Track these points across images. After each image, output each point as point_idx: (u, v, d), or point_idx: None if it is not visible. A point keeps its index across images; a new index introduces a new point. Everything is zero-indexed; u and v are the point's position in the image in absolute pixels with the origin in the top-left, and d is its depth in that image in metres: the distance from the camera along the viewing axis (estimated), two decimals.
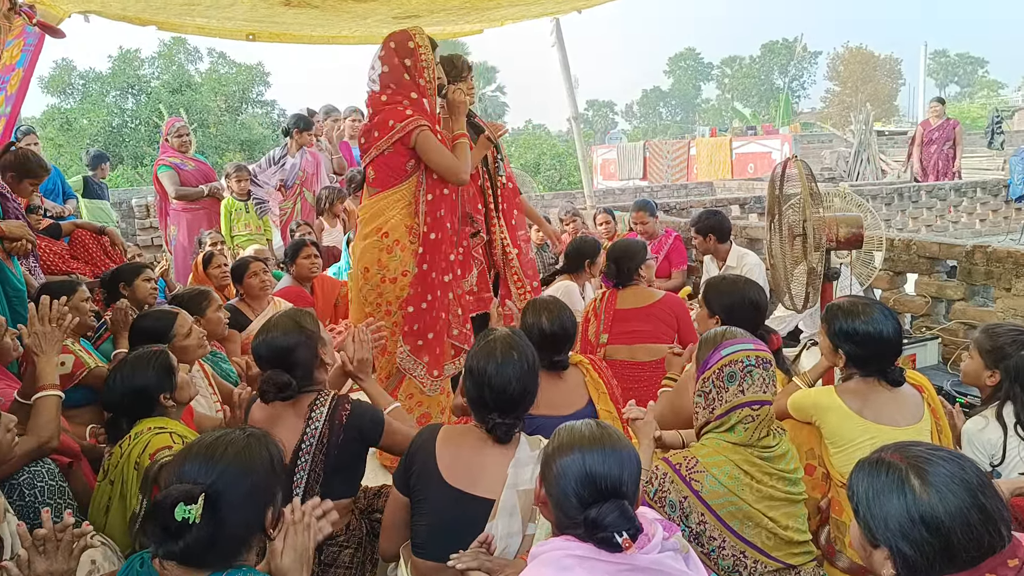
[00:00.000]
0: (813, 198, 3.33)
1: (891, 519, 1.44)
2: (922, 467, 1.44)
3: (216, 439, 1.77)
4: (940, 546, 1.39)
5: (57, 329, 2.65)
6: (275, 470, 1.79)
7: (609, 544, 1.59)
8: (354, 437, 2.46)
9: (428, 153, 3.49)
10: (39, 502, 2.36)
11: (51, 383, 2.55)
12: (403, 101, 3.50)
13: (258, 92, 30.05)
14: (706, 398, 2.24)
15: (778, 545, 2.14)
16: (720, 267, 5.53)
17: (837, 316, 2.61)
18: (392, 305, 3.60)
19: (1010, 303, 4.65)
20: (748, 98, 58.34)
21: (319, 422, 2.41)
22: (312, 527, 1.89)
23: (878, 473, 1.49)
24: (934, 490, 1.41)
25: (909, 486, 1.43)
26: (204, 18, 4.97)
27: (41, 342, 2.61)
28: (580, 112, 8.63)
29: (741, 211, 9.51)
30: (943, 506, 1.40)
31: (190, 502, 1.60)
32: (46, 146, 20.59)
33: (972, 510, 1.39)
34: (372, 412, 2.56)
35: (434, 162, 3.51)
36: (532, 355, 2.25)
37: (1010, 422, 2.63)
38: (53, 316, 2.65)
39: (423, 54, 3.52)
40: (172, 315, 3.26)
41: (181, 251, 6.75)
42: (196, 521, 1.59)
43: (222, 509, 1.63)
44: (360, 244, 3.63)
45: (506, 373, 2.15)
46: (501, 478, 2.11)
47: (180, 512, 1.59)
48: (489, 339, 2.26)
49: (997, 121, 19.11)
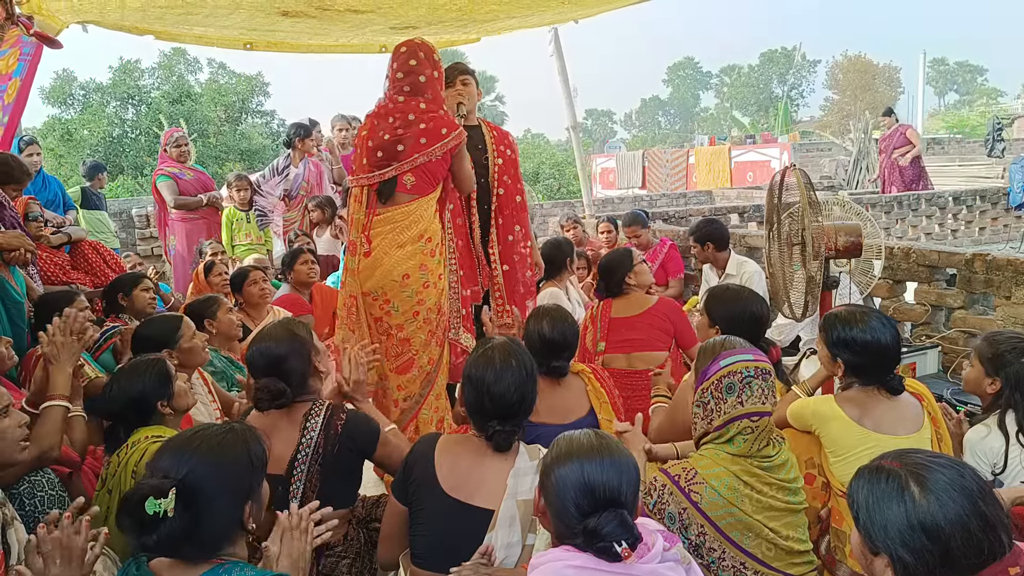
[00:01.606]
0: (812, 207, 3.33)
1: (891, 526, 1.43)
2: (922, 474, 1.44)
3: (194, 433, 1.79)
4: (940, 553, 1.39)
5: (76, 342, 2.65)
6: (253, 464, 1.79)
7: (608, 554, 1.59)
8: (350, 447, 2.45)
9: (463, 162, 3.66)
10: (39, 511, 2.36)
11: (61, 394, 2.55)
12: (439, 111, 3.59)
13: (258, 102, 30.13)
14: (704, 409, 2.23)
15: (779, 555, 2.13)
16: (720, 275, 5.53)
17: (835, 325, 2.60)
18: (432, 312, 3.58)
19: (1010, 311, 4.64)
20: (747, 107, 58.50)
21: (314, 431, 2.41)
22: (309, 532, 1.89)
23: (878, 480, 1.49)
24: (934, 497, 1.41)
25: (909, 493, 1.43)
26: (202, 27, 4.99)
27: (59, 352, 2.61)
28: (579, 121, 8.64)
29: (740, 219, 9.51)
30: (943, 513, 1.39)
31: (160, 496, 1.61)
32: (46, 156, 20.62)
33: (972, 517, 1.39)
34: (368, 422, 2.56)
35: (464, 170, 3.68)
36: (531, 362, 2.25)
37: (1012, 430, 2.62)
38: (76, 328, 2.65)
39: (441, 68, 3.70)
40: (177, 320, 3.25)
41: (180, 261, 6.75)
42: (168, 515, 1.60)
43: (197, 502, 1.64)
44: (397, 252, 3.51)
45: (505, 380, 2.15)
46: (501, 488, 2.11)
47: (151, 506, 1.60)
48: (488, 347, 2.26)
49: (997, 129, 19.14)
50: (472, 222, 4.09)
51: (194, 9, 4.31)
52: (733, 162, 22.33)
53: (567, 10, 5.30)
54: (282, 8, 4.28)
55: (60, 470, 2.60)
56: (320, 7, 4.27)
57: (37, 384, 2.73)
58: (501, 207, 4.12)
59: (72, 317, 2.66)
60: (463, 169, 3.65)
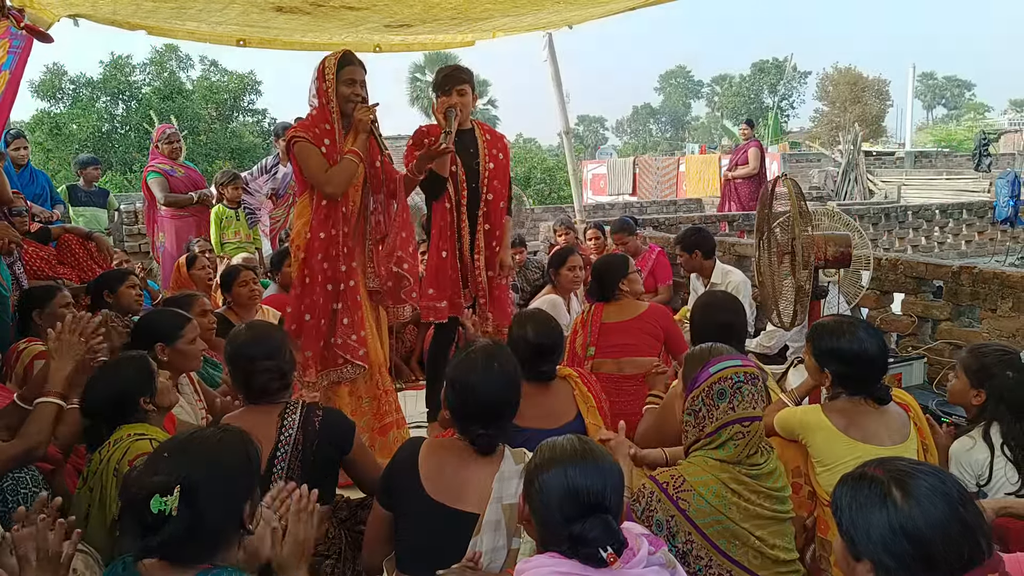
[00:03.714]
0: (802, 216, 3.34)
1: (873, 531, 1.44)
2: (904, 480, 1.45)
3: (190, 435, 1.78)
4: (921, 557, 1.40)
5: (83, 344, 2.59)
6: (251, 465, 1.79)
7: (594, 559, 1.58)
8: (328, 443, 2.47)
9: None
10: None
11: (57, 391, 2.51)
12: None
13: (249, 100, 30.03)
14: (696, 416, 2.23)
15: (765, 564, 2.13)
16: (705, 284, 5.54)
17: (822, 336, 2.61)
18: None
19: (996, 324, 4.67)
20: (738, 116, 58.67)
21: (293, 429, 2.42)
22: (314, 515, 1.89)
23: (861, 487, 1.50)
24: (915, 502, 1.42)
25: (891, 499, 1.44)
26: (194, 23, 4.95)
27: (63, 349, 2.55)
28: (571, 127, 8.64)
29: (729, 228, 9.54)
30: (924, 518, 1.41)
31: (165, 493, 1.58)
32: (35, 151, 20.48)
33: (953, 522, 1.40)
34: (344, 418, 2.60)
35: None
36: (514, 365, 2.25)
37: (996, 442, 2.64)
38: (86, 331, 2.59)
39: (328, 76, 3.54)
40: (185, 319, 3.21)
41: (169, 258, 6.69)
42: (172, 513, 1.58)
43: (199, 501, 1.62)
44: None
45: (489, 384, 2.15)
46: (486, 492, 2.10)
47: (156, 504, 1.57)
48: (470, 351, 2.26)
49: (984, 143, 19.34)
50: (461, 227, 4.05)
51: (187, 4, 4.28)
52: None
53: (561, 11, 5.29)
54: (276, 4, 4.25)
55: (43, 467, 2.57)
56: (315, 3, 4.24)
57: (36, 379, 2.68)
58: (489, 212, 4.10)
59: (86, 320, 2.60)
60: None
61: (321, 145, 3.50)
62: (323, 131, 3.52)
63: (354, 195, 3.61)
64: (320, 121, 3.54)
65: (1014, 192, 12.74)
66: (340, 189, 3.49)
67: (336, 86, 3.51)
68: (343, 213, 3.56)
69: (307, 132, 3.49)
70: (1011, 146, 28.32)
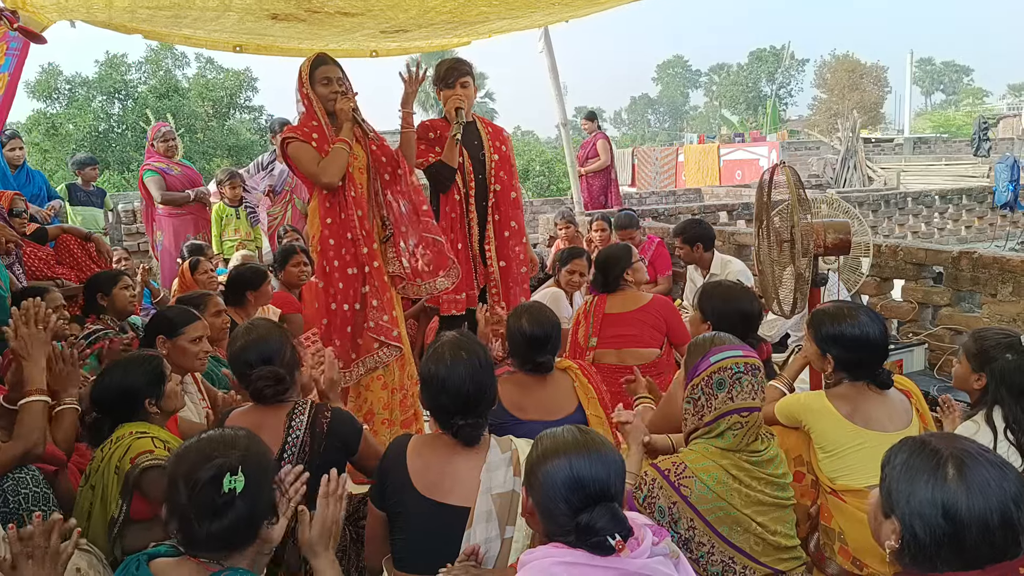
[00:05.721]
0: (801, 204, 3.34)
1: (915, 496, 1.44)
2: (964, 460, 1.44)
3: (220, 432, 1.80)
4: (952, 537, 1.40)
5: (43, 331, 2.56)
6: (272, 456, 1.84)
7: (602, 548, 1.58)
8: (336, 445, 2.45)
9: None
10: (23, 508, 2.33)
11: (38, 388, 2.48)
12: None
13: (246, 97, 29.91)
14: (695, 405, 2.23)
15: (766, 550, 2.14)
16: (704, 276, 5.53)
17: (824, 321, 2.61)
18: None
19: (996, 308, 4.67)
20: (736, 105, 58.66)
21: (300, 430, 2.40)
22: (343, 499, 1.93)
23: (919, 451, 1.49)
24: (965, 486, 1.41)
25: (942, 473, 1.43)
26: (191, 29, 4.93)
27: (28, 346, 2.52)
28: (569, 119, 8.62)
29: (729, 217, 9.54)
30: (968, 503, 1.39)
31: (234, 472, 1.59)
32: (31, 151, 20.47)
33: (996, 514, 1.39)
34: (351, 420, 2.57)
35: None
36: (483, 353, 2.23)
37: (999, 426, 2.63)
38: (38, 318, 2.57)
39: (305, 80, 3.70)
40: (193, 317, 3.20)
41: (167, 256, 6.69)
42: (239, 491, 1.60)
43: (252, 485, 1.64)
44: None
45: (458, 373, 2.13)
46: (474, 484, 2.09)
47: (228, 482, 1.59)
48: (437, 345, 2.25)
49: (983, 129, 19.31)
50: (471, 218, 4.12)
51: (183, 12, 4.25)
52: (722, 160, 22.41)
53: (557, 11, 5.27)
54: (271, 11, 4.23)
55: (46, 468, 2.56)
56: (309, 9, 4.21)
57: (12, 379, 2.66)
58: (498, 203, 4.19)
59: (31, 307, 2.56)
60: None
61: (311, 141, 3.64)
62: (312, 128, 3.68)
63: (359, 177, 3.73)
64: (309, 120, 3.71)
65: (1013, 177, 12.73)
66: (335, 177, 3.61)
67: (314, 88, 3.69)
68: (351, 197, 3.68)
69: (297, 132, 3.66)
70: (1010, 131, 28.25)
